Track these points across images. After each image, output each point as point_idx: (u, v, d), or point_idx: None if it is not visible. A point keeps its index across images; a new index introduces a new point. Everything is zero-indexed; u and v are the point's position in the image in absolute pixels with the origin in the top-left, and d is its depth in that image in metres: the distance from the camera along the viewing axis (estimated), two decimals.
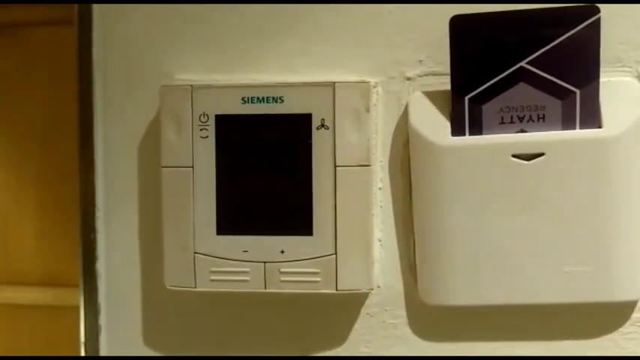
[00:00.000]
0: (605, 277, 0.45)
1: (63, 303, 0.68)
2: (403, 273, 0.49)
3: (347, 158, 0.46)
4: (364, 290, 0.47)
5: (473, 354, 0.48)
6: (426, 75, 0.48)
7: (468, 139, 0.46)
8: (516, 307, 0.47)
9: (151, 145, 0.50)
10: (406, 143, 0.48)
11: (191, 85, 0.47)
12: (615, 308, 0.47)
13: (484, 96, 0.45)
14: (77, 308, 0.53)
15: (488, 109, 0.45)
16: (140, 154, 0.51)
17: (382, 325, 0.49)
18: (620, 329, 0.47)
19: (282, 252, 0.47)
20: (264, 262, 0.47)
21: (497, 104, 0.45)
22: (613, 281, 0.45)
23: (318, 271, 0.47)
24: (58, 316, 0.69)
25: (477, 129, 0.46)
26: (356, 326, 0.50)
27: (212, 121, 0.47)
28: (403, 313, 0.49)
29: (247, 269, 0.47)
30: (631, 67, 0.46)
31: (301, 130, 0.47)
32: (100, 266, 0.52)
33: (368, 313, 0.49)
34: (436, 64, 0.47)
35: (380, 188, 0.48)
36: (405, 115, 0.48)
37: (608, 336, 0.47)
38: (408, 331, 0.49)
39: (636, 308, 0.47)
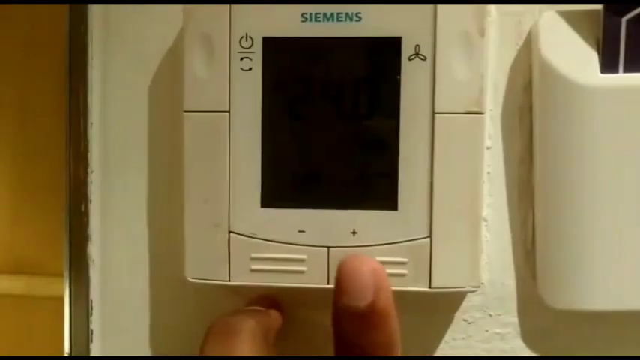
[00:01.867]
0: None
1: (39, 293, 0.56)
2: (516, 265, 0.36)
3: (451, 102, 0.33)
4: (469, 289, 0.33)
5: None
6: None
7: (623, 78, 0.33)
8: None
9: (168, 82, 0.36)
10: (528, 85, 0.34)
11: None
12: None
13: None
14: (56, 298, 0.39)
15: None
16: (152, 93, 0.37)
17: (485, 335, 0.36)
18: None
19: (354, 233, 0.34)
20: (328, 247, 0.34)
21: None
22: None
23: (405, 260, 0.33)
24: (33, 306, 0.57)
25: (635, 64, 0.33)
26: (447, 337, 0.36)
27: (258, 47, 0.34)
28: (515, 319, 0.36)
29: (304, 256, 0.34)
30: None
31: (386, 60, 0.33)
32: (93, 249, 0.38)
33: (465, 319, 0.36)
34: None
35: (488, 148, 0.35)
36: (527, 45, 0.34)
37: None
38: (519, 344, 0.36)
39: None
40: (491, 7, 0.34)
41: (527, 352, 0.36)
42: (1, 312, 0.59)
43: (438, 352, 0.36)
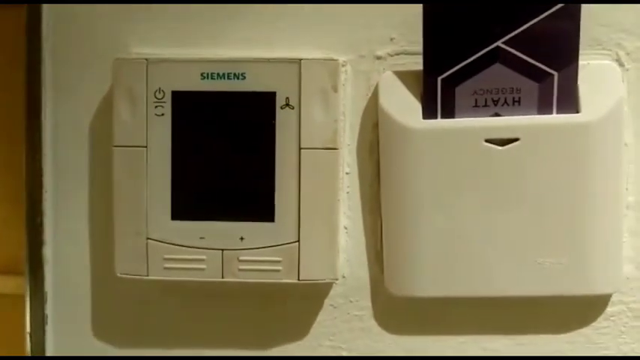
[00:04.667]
0: (579, 270, 0.43)
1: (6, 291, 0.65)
2: (369, 262, 0.46)
3: (313, 140, 0.44)
4: (328, 280, 0.44)
5: (439, 348, 0.46)
6: (397, 54, 0.45)
7: (439, 123, 0.43)
8: (486, 299, 0.45)
9: (103, 123, 0.47)
10: (375, 126, 0.45)
11: (146, 59, 0.44)
12: (589, 302, 0.45)
13: (458, 77, 0.43)
14: (21, 297, 0.49)
15: (462, 91, 0.43)
16: (91, 132, 0.47)
17: (347, 317, 0.47)
18: (593, 324, 0.45)
19: (242, 239, 0.44)
20: (222, 250, 0.44)
21: (472, 86, 0.43)
22: (587, 274, 0.43)
23: (279, 259, 0.44)
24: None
25: (449, 112, 0.43)
26: (319, 318, 0.47)
27: (168, 98, 0.44)
28: (369, 304, 0.47)
29: (204, 257, 0.45)
30: (610, 50, 0.44)
31: (264, 109, 0.44)
32: (47, 252, 0.49)
33: (332, 305, 0.47)
34: (408, 43, 0.45)
35: (347, 173, 0.46)
36: (374, 95, 0.45)
37: (581, 330, 0.45)
38: (373, 323, 0.47)
39: (610, 302, 0.45)
40: (348, 67, 0.45)
41: (379, 330, 0.47)
42: None
43: (311, 331, 0.47)
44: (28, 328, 0.49)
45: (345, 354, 0.47)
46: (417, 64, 0.44)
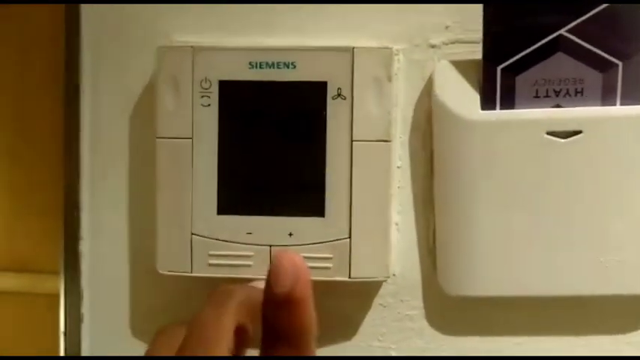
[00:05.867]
0: None
1: (37, 290, 0.62)
2: (422, 260, 0.45)
3: (365, 132, 0.42)
4: (380, 279, 0.43)
5: (494, 349, 0.44)
6: (452, 43, 0.43)
7: (499, 114, 0.41)
8: (545, 298, 0.43)
9: (145, 114, 0.45)
10: (429, 118, 0.44)
11: (192, 47, 0.42)
12: None
13: (518, 66, 0.41)
14: (53, 296, 0.47)
15: (523, 80, 0.41)
16: (132, 123, 0.46)
17: (397, 316, 0.45)
18: None
19: (291, 234, 0.43)
20: (270, 246, 0.43)
21: (533, 76, 0.41)
22: None
23: (330, 256, 0.42)
24: (31, 304, 0.63)
25: (509, 103, 0.42)
26: (367, 318, 0.45)
27: (215, 88, 0.42)
28: (420, 304, 0.45)
29: (251, 253, 0.43)
30: None
31: (315, 99, 0.42)
32: (84, 247, 0.47)
33: (381, 304, 0.45)
34: (464, 31, 0.43)
35: (399, 167, 0.44)
36: (428, 86, 0.44)
37: None
38: (425, 323, 0.45)
39: None
40: (400, 55, 0.43)
41: (431, 330, 0.45)
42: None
43: (360, 330, 0.45)
44: (62, 328, 0.47)
45: (394, 355, 0.45)
46: (472, 52, 0.42)
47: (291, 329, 0.29)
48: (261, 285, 0.31)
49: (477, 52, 0.42)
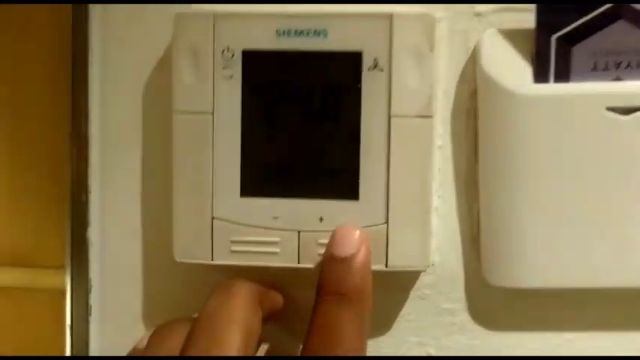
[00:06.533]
0: None
1: (40, 284, 0.59)
2: (463, 248, 0.41)
3: (404, 107, 0.38)
4: (420, 268, 0.39)
5: (543, 346, 0.41)
6: (500, 10, 0.39)
7: (553, 88, 0.38)
8: (600, 291, 0.39)
9: (160, 88, 0.41)
10: (474, 92, 0.40)
11: (213, 13, 0.38)
12: None
13: (575, 36, 0.37)
14: (57, 290, 0.43)
15: (579, 51, 0.37)
16: (146, 96, 0.42)
17: (436, 310, 0.41)
18: None
19: (321, 219, 0.39)
20: (299, 231, 0.39)
21: (590, 46, 0.37)
22: None
23: None
24: (34, 298, 0.59)
25: (564, 75, 0.38)
26: (404, 311, 0.41)
27: (238, 58, 0.39)
28: (462, 296, 0.41)
29: (277, 239, 0.39)
30: None
31: (349, 71, 0.38)
32: (93, 234, 0.43)
33: (419, 296, 0.41)
34: None
35: (439, 146, 0.40)
36: (473, 58, 0.40)
37: None
38: (467, 317, 0.41)
39: None
40: (442, 24, 0.39)
41: (474, 325, 0.41)
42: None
43: (395, 325, 0.41)
44: (69, 321, 0.44)
45: (433, 352, 0.41)
46: (521, 21, 0.39)
47: (352, 287, 0.34)
48: None
49: (527, 21, 0.38)
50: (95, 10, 0.42)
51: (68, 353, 0.43)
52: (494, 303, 0.41)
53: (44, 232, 0.56)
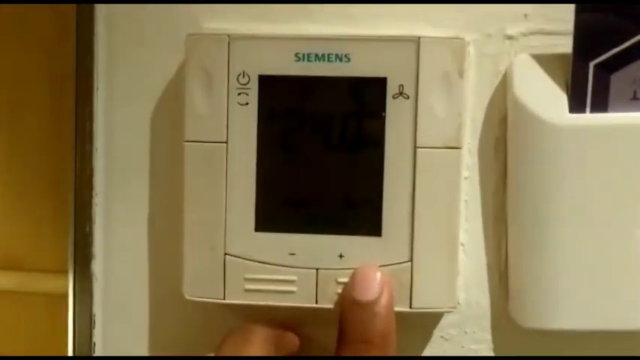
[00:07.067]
0: None
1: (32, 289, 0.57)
2: (491, 286, 0.38)
3: (432, 137, 0.36)
4: (446, 309, 0.36)
5: None
6: (532, 34, 0.37)
7: (590, 118, 0.35)
8: (636, 333, 0.37)
9: (170, 113, 0.39)
10: (503, 120, 0.37)
11: (228, 35, 0.36)
12: None
13: (614, 62, 0.35)
14: (64, 321, 0.41)
15: (619, 79, 0.35)
16: (155, 124, 0.39)
17: (461, 350, 0.39)
18: None
19: (341, 256, 0.36)
20: (317, 269, 0.36)
21: (631, 74, 0.35)
22: None
23: None
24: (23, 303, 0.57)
25: (601, 105, 0.35)
26: (427, 352, 0.39)
27: (254, 84, 0.36)
28: (488, 336, 0.39)
29: (294, 277, 0.36)
30: None
31: (372, 98, 0.36)
32: (97, 268, 0.40)
33: (442, 336, 0.39)
34: (546, 20, 0.37)
35: (466, 177, 0.38)
36: (503, 84, 0.37)
37: None
38: None
39: None
40: (471, 48, 0.37)
41: None
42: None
43: None
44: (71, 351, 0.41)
45: None
46: (555, 46, 0.37)
47: (375, 333, 0.33)
48: None
49: (561, 46, 0.36)
50: (101, 28, 0.39)
51: None
52: (521, 345, 0.38)
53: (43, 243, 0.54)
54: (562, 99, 0.36)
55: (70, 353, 0.41)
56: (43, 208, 0.55)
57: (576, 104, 0.35)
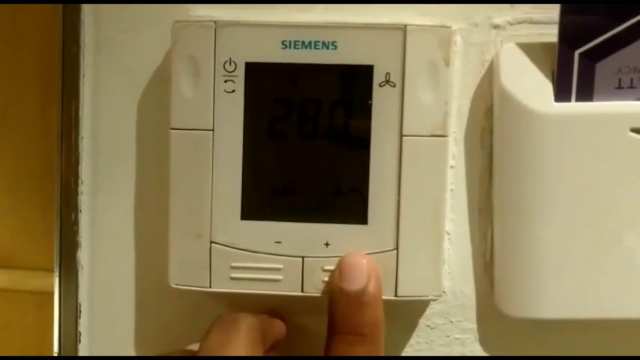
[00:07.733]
0: None
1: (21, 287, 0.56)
2: (476, 275, 0.39)
3: (418, 126, 0.36)
4: (431, 297, 0.36)
5: None
6: (519, 23, 0.37)
7: (575, 107, 0.35)
8: (623, 322, 0.37)
9: (156, 101, 0.39)
10: (489, 110, 0.37)
11: (215, 22, 0.36)
12: None
13: (599, 51, 0.35)
14: (50, 310, 0.41)
15: (604, 68, 0.35)
16: (141, 111, 0.39)
17: (446, 340, 0.39)
18: None
19: (327, 245, 0.36)
20: (303, 257, 0.36)
21: (616, 63, 0.35)
22: None
23: None
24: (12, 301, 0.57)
25: (586, 94, 0.35)
26: (412, 341, 0.39)
27: (241, 71, 0.36)
28: (473, 325, 0.39)
29: (280, 265, 0.36)
30: None
31: (359, 86, 0.36)
32: (82, 256, 0.40)
33: (428, 325, 0.39)
34: (532, 9, 0.37)
35: (452, 167, 0.38)
36: (489, 73, 0.37)
37: None
38: (477, 348, 0.39)
39: None
40: (457, 37, 0.37)
41: (485, 356, 0.39)
42: None
43: (405, 354, 0.39)
44: (56, 348, 0.41)
45: None
46: (541, 35, 0.37)
47: (365, 324, 0.32)
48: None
49: (547, 35, 0.36)
50: (88, 15, 0.39)
51: None
52: (507, 333, 0.38)
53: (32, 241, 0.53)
54: (548, 88, 0.36)
55: (56, 344, 0.41)
56: (32, 205, 0.55)
57: (562, 93, 0.35)
